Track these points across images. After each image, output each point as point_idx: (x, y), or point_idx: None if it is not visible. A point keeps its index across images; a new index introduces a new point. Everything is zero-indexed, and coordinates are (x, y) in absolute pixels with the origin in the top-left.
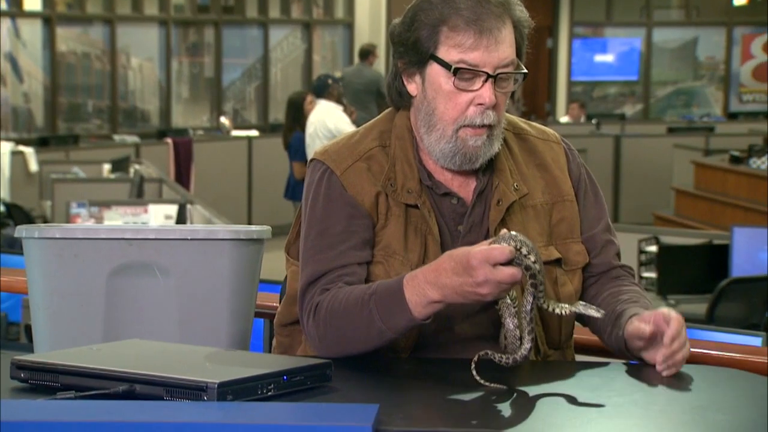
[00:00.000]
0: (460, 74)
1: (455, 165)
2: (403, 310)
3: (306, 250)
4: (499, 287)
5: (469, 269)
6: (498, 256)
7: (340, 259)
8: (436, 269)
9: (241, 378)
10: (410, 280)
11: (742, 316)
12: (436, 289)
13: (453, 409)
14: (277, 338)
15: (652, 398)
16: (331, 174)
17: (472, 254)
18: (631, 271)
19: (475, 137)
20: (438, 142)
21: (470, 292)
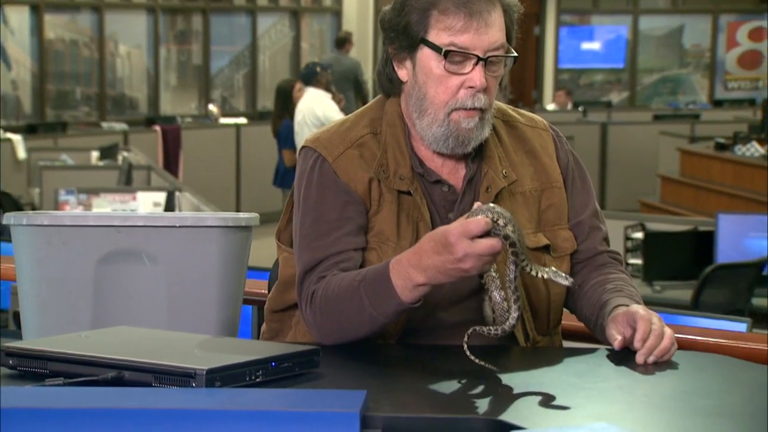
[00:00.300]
0: (451, 57)
1: (448, 148)
2: (391, 295)
3: (301, 238)
4: (480, 260)
5: (448, 246)
6: (474, 228)
7: (335, 246)
8: (417, 252)
9: (230, 364)
10: (395, 265)
11: (726, 302)
12: (420, 272)
13: (440, 395)
14: (268, 324)
15: (638, 384)
16: (324, 161)
17: (449, 231)
18: (618, 257)
19: (467, 119)
20: (430, 126)
21: (453, 269)
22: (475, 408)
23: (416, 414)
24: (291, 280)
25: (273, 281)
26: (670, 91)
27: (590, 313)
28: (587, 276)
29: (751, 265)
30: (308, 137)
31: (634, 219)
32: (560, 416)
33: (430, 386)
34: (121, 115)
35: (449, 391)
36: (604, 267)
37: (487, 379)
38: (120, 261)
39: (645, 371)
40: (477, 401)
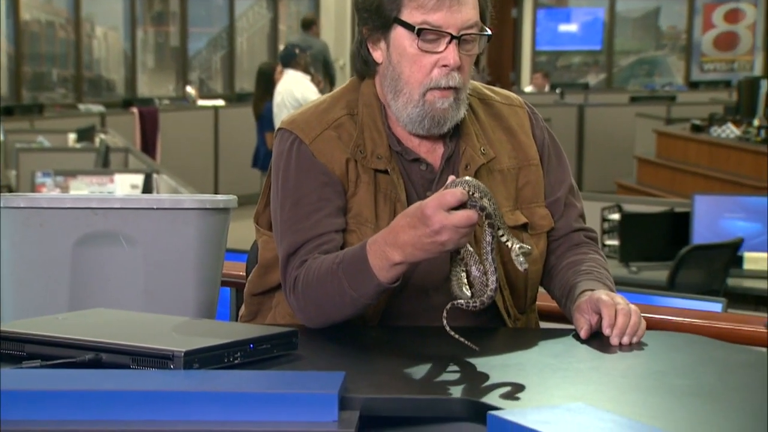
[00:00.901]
0: (424, 35)
1: (423, 129)
2: (369, 276)
3: (282, 222)
4: (457, 232)
5: (423, 219)
6: (450, 199)
7: (316, 228)
8: (393, 229)
9: (208, 346)
10: (372, 245)
11: (702, 282)
12: (397, 250)
13: (419, 376)
14: (246, 307)
15: (614, 364)
16: (301, 143)
17: (425, 204)
18: (593, 235)
19: (442, 99)
20: (405, 106)
21: (430, 243)
22: (453, 389)
23: (395, 395)
24: (270, 263)
25: (251, 264)
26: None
27: (561, 294)
28: (561, 255)
29: (726, 245)
30: (284, 119)
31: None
32: (537, 397)
33: (409, 368)
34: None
35: (428, 372)
36: (579, 247)
37: (465, 360)
38: (97, 243)
39: (620, 352)
40: (455, 382)
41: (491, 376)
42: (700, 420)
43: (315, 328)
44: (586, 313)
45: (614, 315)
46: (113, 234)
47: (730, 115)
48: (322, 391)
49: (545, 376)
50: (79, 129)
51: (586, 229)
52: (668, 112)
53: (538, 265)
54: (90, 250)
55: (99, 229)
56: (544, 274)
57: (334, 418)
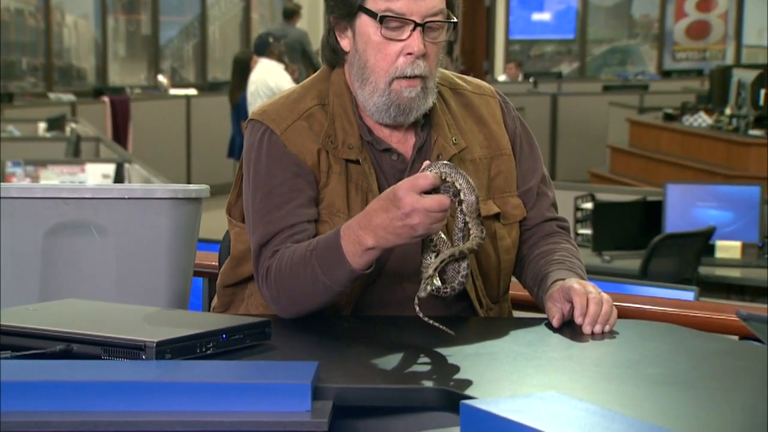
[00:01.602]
0: (387, 23)
1: (390, 118)
2: (342, 262)
3: (254, 213)
4: (428, 216)
5: (395, 201)
6: (422, 182)
7: (288, 219)
8: (366, 213)
9: (180, 336)
10: (345, 230)
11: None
12: (369, 233)
13: (392, 365)
14: (219, 298)
15: (587, 353)
16: (272, 134)
17: (398, 186)
18: (565, 224)
19: (408, 89)
20: (371, 95)
21: (400, 227)
22: (426, 378)
23: (368, 385)
24: (243, 255)
25: (223, 254)
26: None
27: (533, 284)
28: (533, 245)
29: (698, 234)
30: (255, 110)
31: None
32: (511, 386)
33: (382, 357)
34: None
35: (401, 361)
36: (551, 236)
37: (438, 350)
38: (68, 233)
39: (593, 341)
40: (428, 372)
41: (464, 366)
42: (673, 408)
43: (288, 318)
44: (558, 302)
45: (586, 303)
46: (84, 224)
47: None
48: (295, 381)
49: (518, 365)
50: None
51: (558, 218)
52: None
53: (510, 254)
54: (61, 241)
55: (70, 219)
56: (517, 263)
57: (307, 408)
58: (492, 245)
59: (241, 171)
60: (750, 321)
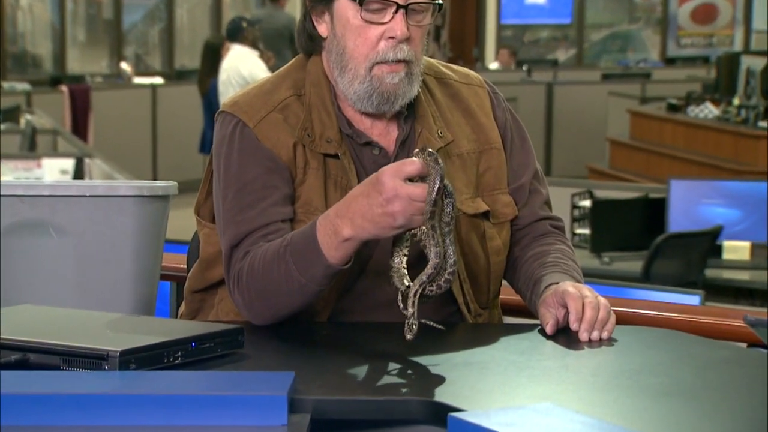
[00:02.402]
0: (367, 5)
1: (372, 106)
2: (317, 256)
3: (225, 212)
4: (410, 205)
5: (378, 185)
6: (409, 168)
7: (262, 218)
8: (346, 199)
9: (145, 345)
10: (323, 220)
11: (679, 273)
12: (346, 222)
13: (374, 375)
14: (187, 305)
15: (584, 362)
16: (244, 127)
17: (382, 170)
18: (559, 224)
19: (391, 74)
20: (351, 83)
21: (380, 214)
22: (411, 389)
23: (348, 396)
24: (212, 258)
25: (192, 256)
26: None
27: (525, 288)
28: (525, 246)
29: (704, 233)
30: (225, 102)
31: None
32: (502, 397)
33: (363, 366)
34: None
35: (383, 371)
36: (544, 237)
37: (423, 358)
38: (25, 234)
39: (590, 348)
40: (413, 382)
41: (452, 376)
42: (676, 421)
43: (262, 325)
44: (552, 307)
45: (582, 308)
46: (42, 224)
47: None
48: (271, 393)
49: (510, 374)
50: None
51: (552, 217)
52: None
53: (501, 256)
54: (17, 242)
55: (26, 218)
56: (508, 266)
57: (284, 422)
58: (481, 246)
59: (210, 167)
60: (759, 327)
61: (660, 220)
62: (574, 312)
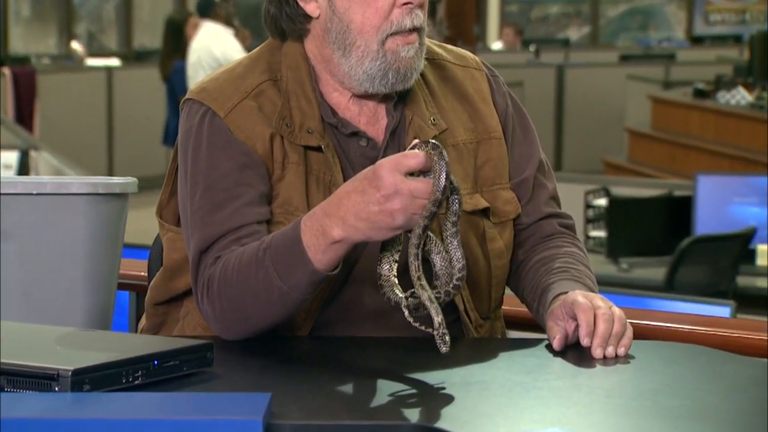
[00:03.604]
0: None
1: (387, 86)
2: (302, 260)
3: (192, 213)
4: (412, 203)
5: (375, 180)
6: (411, 162)
7: (235, 219)
8: (336, 196)
9: (101, 363)
10: (308, 220)
11: (706, 281)
12: (337, 221)
13: (361, 397)
14: (148, 319)
15: (598, 381)
16: (213, 116)
17: (380, 164)
18: (569, 222)
19: (407, 47)
20: (361, 62)
21: (377, 212)
22: (403, 413)
23: (331, 421)
24: (177, 265)
25: (154, 264)
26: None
27: (531, 298)
28: (531, 249)
29: (735, 236)
30: (192, 88)
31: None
32: (505, 421)
33: (349, 387)
34: None
35: (372, 392)
36: (552, 238)
37: (417, 377)
38: None
39: (605, 366)
40: (406, 404)
41: (449, 397)
42: None
43: (235, 341)
44: (561, 320)
45: (594, 321)
46: None
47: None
48: (244, 417)
49: (515, 396)
50: None
51: (561, 215)
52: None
53: (503, 260)
54: None
55: None
56: (511, 271)
57: None
58: (480, 248)
59: (175, 163)
60: None
61: (685, 222)
62: (584, 325)
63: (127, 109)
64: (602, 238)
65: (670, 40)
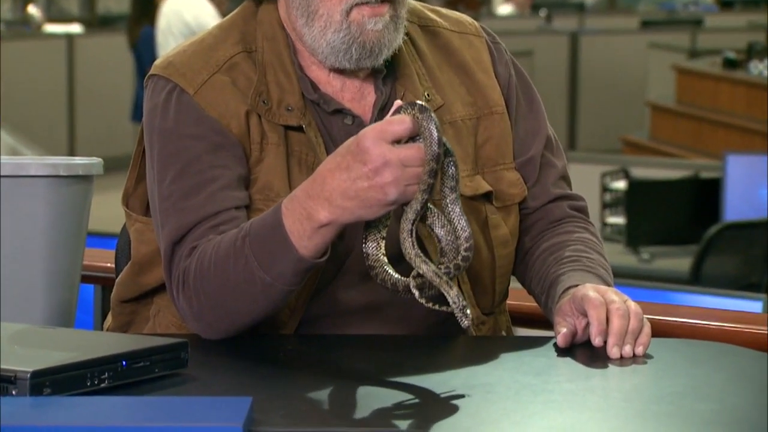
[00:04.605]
0: None
1: (351, 61)
2: (285, 248)
3: (163, 200)
4: (404, 173)
5: (360, 154)
6: (397, 128)
7: (210, 205)
8: (319, 175)
9: (64, 364)
10: (289, 203)
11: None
12: (322, 203)
13: (352, 402)
14: (114, 318)
15: (614, 384)
16: (182, 93)
17: (363, 134)
18: (581, 204)
19: (374, 19)
20: (323, 33)
21: (367, 188)
22: (398, 419)
23: (318, 428)
24: (147, 259)
25: (121, 256)
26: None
27: (539, 290)
28: (538, 236)
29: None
30: (157, 62)
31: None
32: (512, 428)
33: (338, 391)
34: None
35: (364, 396)
36: (562, 223)
37: (414, 380)
38: None
39: (622, 367)
40: (401, 410)
41: (450, 402)
42: None
43: (214, 339)
44: (569, 316)
45: (603, 319)
46: None
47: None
48: (222, 424)
49: (523, 400)
50: None
51: (571, 196)
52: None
53: (508, 248)
54: None
55: None
56: (517, 260)
57: None
58: (483, 236)
59: (141, 145)
60: None
61: (713, 207)
62: (595, 323)
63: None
64: (621, 226)
65: (697, 4)
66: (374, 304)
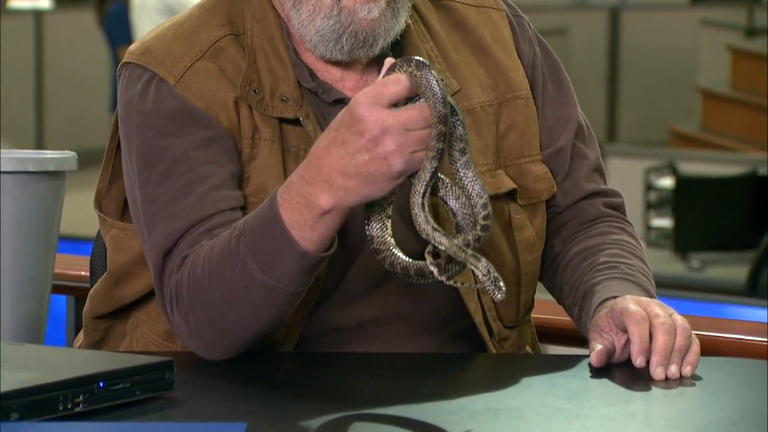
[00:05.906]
0: None
1: (342, 52)
2: (285, 243)
3: (148, 205)
4: (408, 138)
5: (355, 124)
6: (392, 89)
7: (203, 208)
8: (313, 156)
9: (33, 386)
10: (284, 192)
11: None
12: (322, 187)
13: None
14: (87, 335)
15: (657, 409)
16: (161, 83)
17: (355, 101)
18: (617, 201)
19: (367, 5)
20: (312, 18)
21: (368, 161)
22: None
23: None
24: (124, 270)
25: (98, 262)
26: None
27: (571, 301)
28: (569, 238)
29: None
30: (132, 48)
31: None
32: None
33: (342, 415)
34: None
35: (371, 422)
36: (596, 223)
37: (429, 403)
38: None
39: (667, 390)
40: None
41: (471, 429)
42: None
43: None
44: (607, 332)
45: (646, 336)
46: None
47: None
48: None
49: (554, 427)
50: None
51: (606, 192)
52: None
53: (535, 253)
54: None
55: None
56: (545, 266)
57: None
58: (506, 239)
59: (115, 141)
60: None
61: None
62: (637, 341)
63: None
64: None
65: None
66: (377, 318)
